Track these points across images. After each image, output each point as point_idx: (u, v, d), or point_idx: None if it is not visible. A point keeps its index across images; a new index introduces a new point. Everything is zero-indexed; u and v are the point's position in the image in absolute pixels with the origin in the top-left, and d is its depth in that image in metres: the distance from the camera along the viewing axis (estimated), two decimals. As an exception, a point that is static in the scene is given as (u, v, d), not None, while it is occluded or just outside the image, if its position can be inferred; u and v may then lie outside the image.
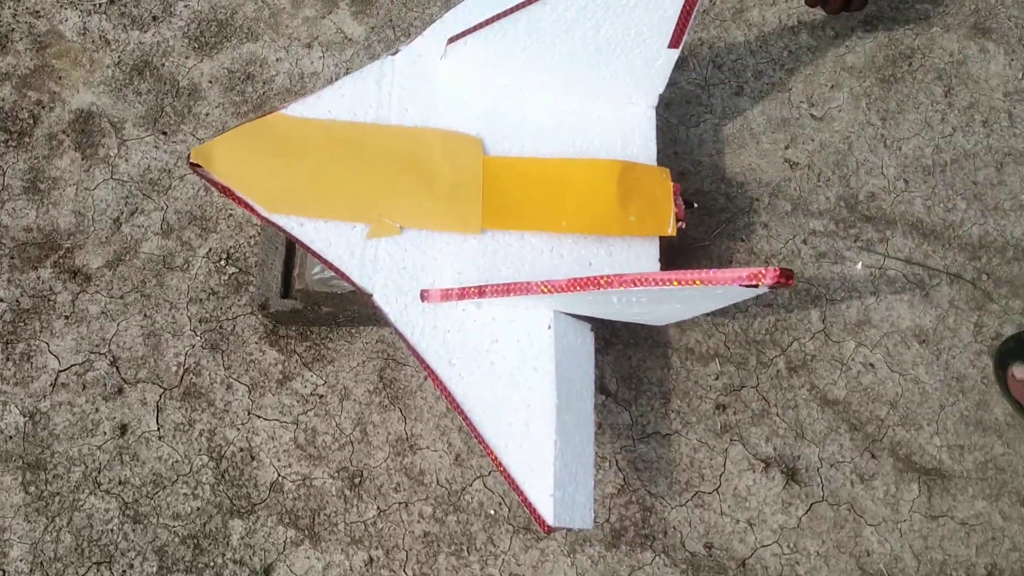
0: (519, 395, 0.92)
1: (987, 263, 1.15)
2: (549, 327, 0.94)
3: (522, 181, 1.00)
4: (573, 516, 0.88)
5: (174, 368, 1.08)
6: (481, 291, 0.92)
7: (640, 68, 1.02)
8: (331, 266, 0.94)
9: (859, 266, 1.15)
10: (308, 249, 0.94)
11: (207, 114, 1.19)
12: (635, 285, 0.82)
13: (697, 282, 0.79)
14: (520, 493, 0.87)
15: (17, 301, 1.11)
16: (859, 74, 1.22)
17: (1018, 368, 1.08)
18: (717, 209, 1.14)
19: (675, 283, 0.80)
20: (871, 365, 1.11)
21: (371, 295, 0.93)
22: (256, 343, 1.10)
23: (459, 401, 0.91)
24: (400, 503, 1.05)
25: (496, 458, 0.90)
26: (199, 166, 0.92)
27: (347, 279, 0.94)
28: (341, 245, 0.94)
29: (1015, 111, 1.22)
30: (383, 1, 1.24)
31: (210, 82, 1.20)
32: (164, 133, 1.18)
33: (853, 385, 1.10)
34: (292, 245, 1.07)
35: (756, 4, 1.25)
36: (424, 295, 0.94)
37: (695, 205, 1.07)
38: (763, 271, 0.75)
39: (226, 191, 0.93)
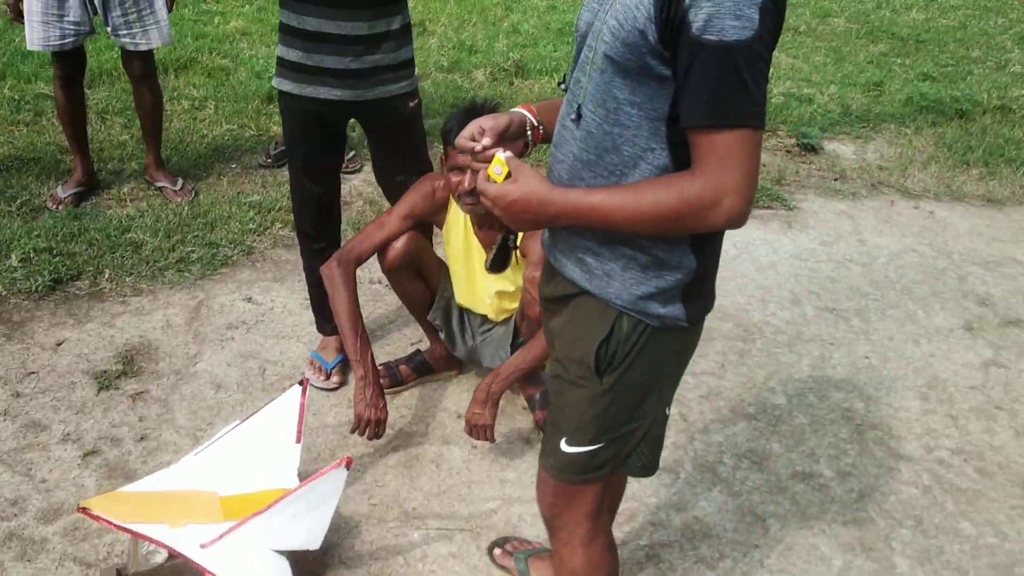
0: None
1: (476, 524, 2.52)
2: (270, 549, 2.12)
3: (237, 502, 2.24)
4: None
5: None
6: (226, 532, 2.10)
7: (289, 456, 2.39)
8: (153, 540, 2.07)
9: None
10: (142, 536, 2.07)
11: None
12: (291, 494, 2.10)
13: (319, 476, 2.10)
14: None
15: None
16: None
17: (495, 552, 2.40)
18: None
19: (307, 484, 2.10)
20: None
21: (175, 549, 2.07)
22: None
23: None
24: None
25: None
26: (86, 509, 2.08)
27: (162, 544, 2.07)
28: (156, 532, 2.09)
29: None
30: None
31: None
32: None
33: (427, 580, 2.33)
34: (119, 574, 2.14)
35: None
36: (202, 545, 2.09)
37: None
38: (342, 459, 2.10)
39: (97, 517, 2.08)
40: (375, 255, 2.69)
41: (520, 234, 1.89)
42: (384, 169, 2.87)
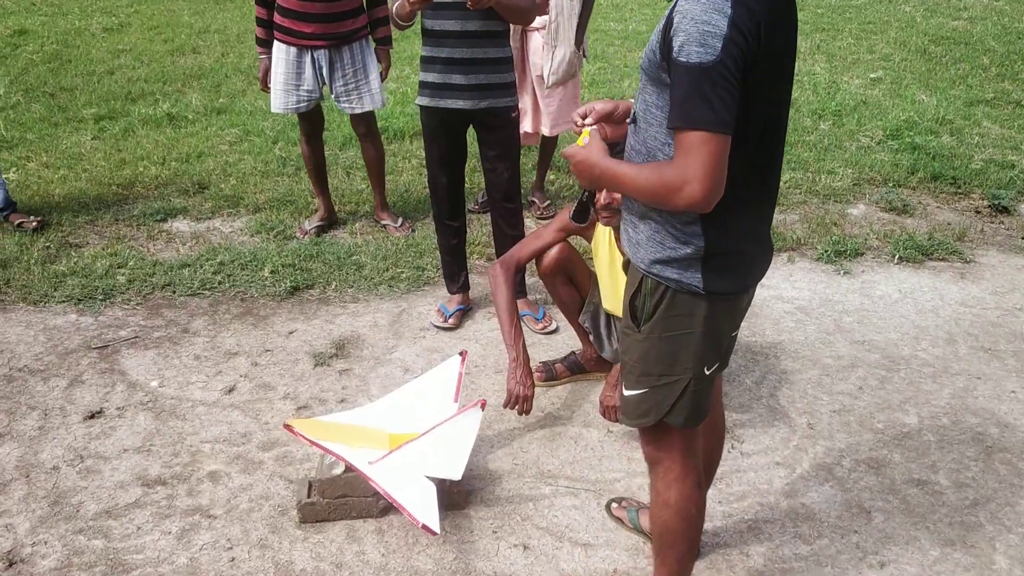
0: (419, 499, 2.63)
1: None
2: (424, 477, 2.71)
3: (401, 438, 2.85)
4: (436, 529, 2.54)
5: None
6: (388, 453, 2.71)
7: (447, 410, 2.98)
8: (334, 454, 2.72)
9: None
10: (326, 450, 2.73)
11: (267, 467, 3.01)
12: (437, 426, 2.68)
13: (459, 413, 2.67)
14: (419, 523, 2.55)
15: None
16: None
17: (612, 506, 2.85)
18: (487, 480, 2.98)
19: (450, 419, 2.68)
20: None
21: (351, 463, 2.70)
22: (300, 527, 2.74)
23: (388, 492, 2.62)
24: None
25: (413, 517, 2.57)
26: (290, 426, 2.78)
27: (340, 458, 2.71)
28: (338, 449, 2.74)
29: None
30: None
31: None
32: (249, 472, 2.97)
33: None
34: (310, 484, 2.80)
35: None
36: (370, 463, 2.72)
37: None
38: (478, 400, 2.67)
39: (295, 432, 2.76)
40: (532, 260, 3.27)
41: (596, 193, 2.45)
42: (488, 162, 3.68)
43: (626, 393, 2.10)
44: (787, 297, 4.14)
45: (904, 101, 6.87)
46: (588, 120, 2.09)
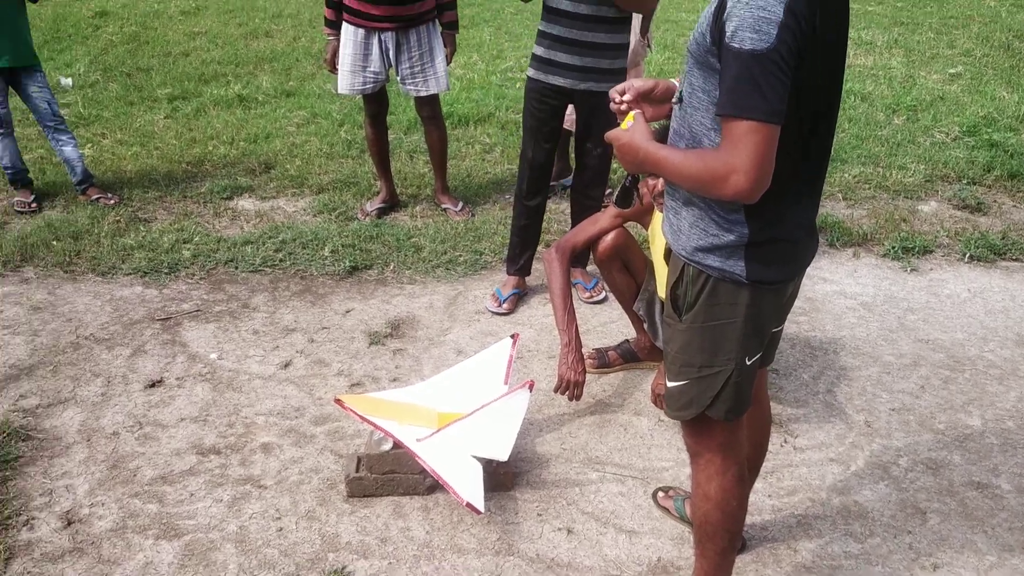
0: (465, 478, 2.65)
1: (649, 479, 2.95)
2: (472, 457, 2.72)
3: (450, 417, 2.87)
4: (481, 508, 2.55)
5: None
6: (436, 432, 2.73)
7: (497, 392, 2.98)
8: (383, 431, 2.75)
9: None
10: (376, 426, 2.76)
11: (318, 441, 3.05)
12: (485, 406, 2.69)
13: (507, 394, 2.67)
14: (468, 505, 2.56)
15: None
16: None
17: (658, 495, 2.83)
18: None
19: (498, 400, 2.68)
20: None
21: (399, 440, 2.73)
22: (347, 501, 2.77)
23: (434, 470, 2.64)
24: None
25: (459, 496, 2.59)
26: (340, 401, 2.81)
27: (389, 435, 2.74)
28: (387, 425, 2.77)
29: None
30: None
31: (320, 433, 3.10)
32: (300, 445, 3.02)
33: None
34: (359, 459, 2.84)
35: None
36: (418, 440, 2.74)
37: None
38: (526, 382, 2.67)
39: (346, 408, 2.80)
40: (588, 246, 3.26)
41: (639, 177, 2.40)
42: (582, 142, 3.69)
43: (668, 384, 2.06)
44: (850, 293, 4.06)
45: (983, 97, 6.66)
46: (626, 97, 2.03)
